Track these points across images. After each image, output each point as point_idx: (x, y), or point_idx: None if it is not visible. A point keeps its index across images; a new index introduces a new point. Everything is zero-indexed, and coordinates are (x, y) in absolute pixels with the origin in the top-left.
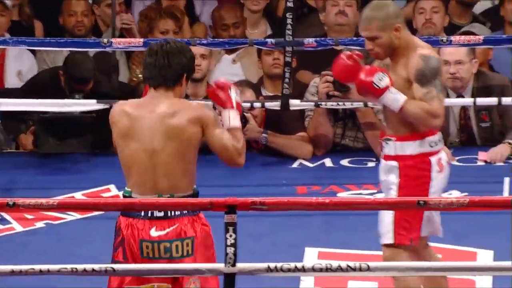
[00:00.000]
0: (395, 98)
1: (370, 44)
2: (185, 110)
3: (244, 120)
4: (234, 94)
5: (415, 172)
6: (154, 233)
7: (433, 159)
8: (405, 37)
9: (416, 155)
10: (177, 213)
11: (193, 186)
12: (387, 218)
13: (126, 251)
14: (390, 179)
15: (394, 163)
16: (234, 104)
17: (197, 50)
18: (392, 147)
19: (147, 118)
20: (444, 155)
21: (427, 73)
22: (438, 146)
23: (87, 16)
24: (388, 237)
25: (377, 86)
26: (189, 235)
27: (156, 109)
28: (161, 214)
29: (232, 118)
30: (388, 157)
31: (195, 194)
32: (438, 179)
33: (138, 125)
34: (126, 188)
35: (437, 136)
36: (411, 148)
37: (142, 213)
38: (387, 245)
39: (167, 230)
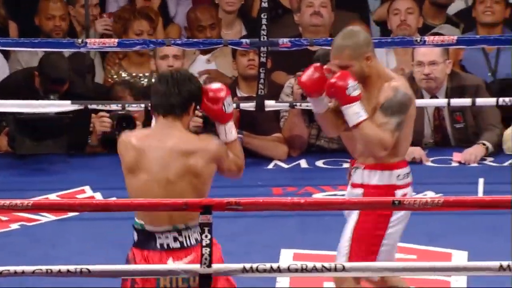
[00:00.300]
0: (358, 113)
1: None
2: (202, 150)
3: None
4: (228, 106)
5: None
6: (172, 264)
7: (398, 193)
8: (375, 66)
9: (382, 186)
10: (193, 242)
11: None
12: (344, 242)
13: (138, 283)
14: None
15: (359, 191)
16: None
17: (170, 50)
18: (359, 175)
19: (157, 149)
20: (410, 190)
21: (393, 105)
22: (405, 179)
23: (65, 20)
24: (341, 261)
25: (349, 93)
26: None
27: (167, 140)
28: (177, 245)
29: (229, 132)
30: (355, 185)
31: None
32: (399, 214)
33: (147, 156)
34: (136, 220)
35: (406, 170)
36: (378, 178)
37: (158, 245)
38: None
39: (184, 260)
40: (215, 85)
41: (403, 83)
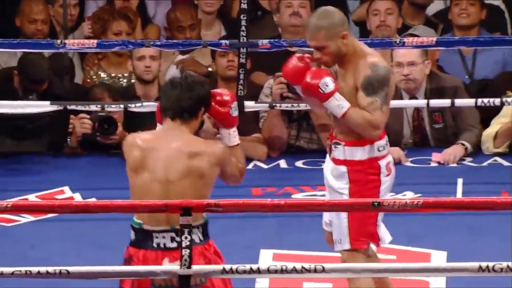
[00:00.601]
0: (339, 105)
1: (318, 53)
2: (206, 152)
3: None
4: (234, 110)
5: (365, 177)
6: (167, 264)
7: (382, 163)
8: (351, 43)
9: (365, 160)
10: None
11: (203, 215)
12: (342, 224)
13: (135, 282)
14: (340, 184)
15: (343, 168)
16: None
17: (146, 51)
18: (341, 151)
19: (162, 150)
20: (391, 158)
21: (374, 83)
22: (385, 150)
23: (47, 23)
24: (345, 243)
25: (322, 91)
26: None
27: (172, 141)
28: (174, 245)
29: (233, 136)
30: (337, 161)
31: (206, 222)
32: (386, 182)
33: (152, 156)
34: (134, 219)
35: (384, 140)
36: (360, 153)
37: (155, 244)
38: (345, 250)
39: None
40: (222, 90)
41: (379, 58)
